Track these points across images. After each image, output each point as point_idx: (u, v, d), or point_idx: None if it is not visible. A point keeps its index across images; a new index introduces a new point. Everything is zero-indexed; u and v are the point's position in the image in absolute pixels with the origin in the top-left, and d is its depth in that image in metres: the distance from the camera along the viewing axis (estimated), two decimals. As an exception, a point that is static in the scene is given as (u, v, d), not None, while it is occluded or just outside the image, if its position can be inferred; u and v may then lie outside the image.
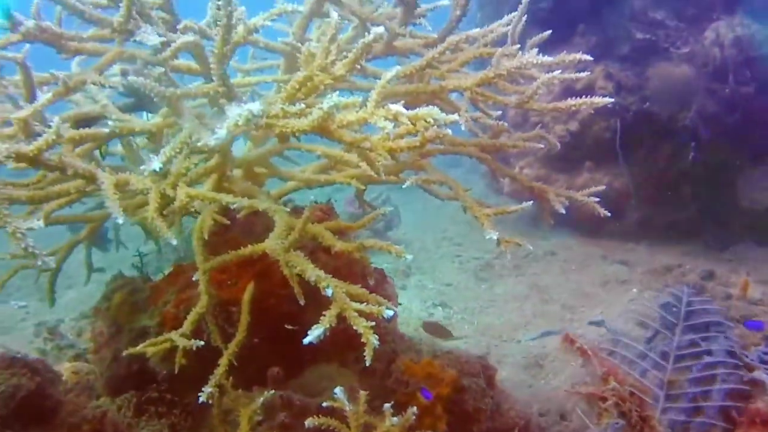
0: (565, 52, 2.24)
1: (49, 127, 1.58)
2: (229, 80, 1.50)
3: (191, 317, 2.08)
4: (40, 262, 1.30)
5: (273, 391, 2.09)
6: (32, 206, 2.30)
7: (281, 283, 2.39)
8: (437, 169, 2.27)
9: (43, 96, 1.50)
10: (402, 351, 2.55)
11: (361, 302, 1.69)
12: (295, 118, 1.48)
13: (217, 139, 1.28)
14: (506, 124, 2.47)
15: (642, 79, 6.05)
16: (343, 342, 2.47)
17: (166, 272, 2.67)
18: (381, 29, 1.48)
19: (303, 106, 1.40)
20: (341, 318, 2.42)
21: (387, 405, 1.96)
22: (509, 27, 2.31)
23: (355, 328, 1.64)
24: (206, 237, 1.85)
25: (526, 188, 2.42)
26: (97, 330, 2.68)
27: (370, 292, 1.85)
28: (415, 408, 1.99)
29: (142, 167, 1.40)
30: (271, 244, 1.88)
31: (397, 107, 1.44)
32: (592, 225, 6.29)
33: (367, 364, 1.61)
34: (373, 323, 1.64)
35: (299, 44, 2.03)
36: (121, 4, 1.59)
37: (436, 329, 3.10)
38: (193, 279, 1.88)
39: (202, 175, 2.07)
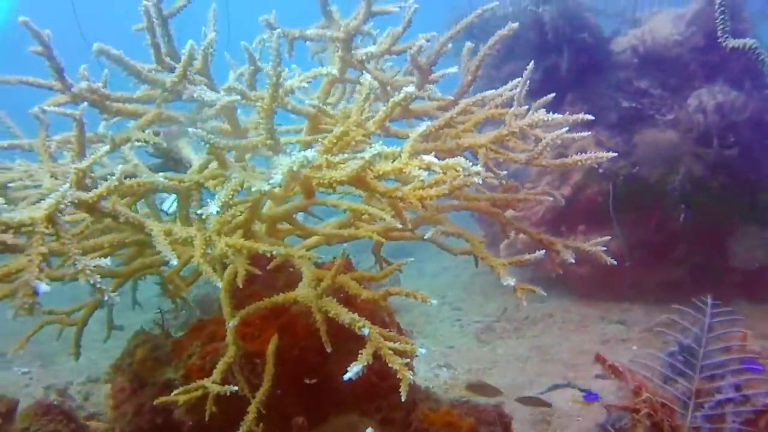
0: (568, 112, 2.43)
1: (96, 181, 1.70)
2: (276, 134, 1.63)
3: (220, 366, 2.16)
4: (106, 297, 1.39)
5: (301, 438, 2.15)
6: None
7: (304, 335, 2.48)
8: (453, 223, 2.40)
9: (102, 149, 1.63)
10: (420, 400, 2.61)
11: (394, 342, 1.78)
12: (332, 169, 1.60)
13: (272, 183, 1.40)
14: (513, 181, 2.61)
15: (630, 145, 6.29)
16: (363, 392, 2.54)
17: (186, 328, 2.75)
18: (411, 88, 1.64)
19: (345, 156, 1.54)
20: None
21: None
22: (513, 91, 2.50)
23: (390, 365, 1.72)
24: (240, 285, 1.94)
25: (536, 240, 2.54)
26: (117, 386, 2.73)
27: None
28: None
29: (199, 211, 1.52)
30: (303, 292, 1.98)
31: (429, 158, 1.58)
32: (586, 288, 6.40)
33: (403, 399, 1.69)
34: (408, 360, 1.72)
35: (324, 107, 2.19)
36: (177, 66, 1.75)
37: (482, 388, 3.15)
38: (228, 326, 1.95)
39: (233, 229, 2.18)
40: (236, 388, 2.01)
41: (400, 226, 2.05)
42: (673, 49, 6.48)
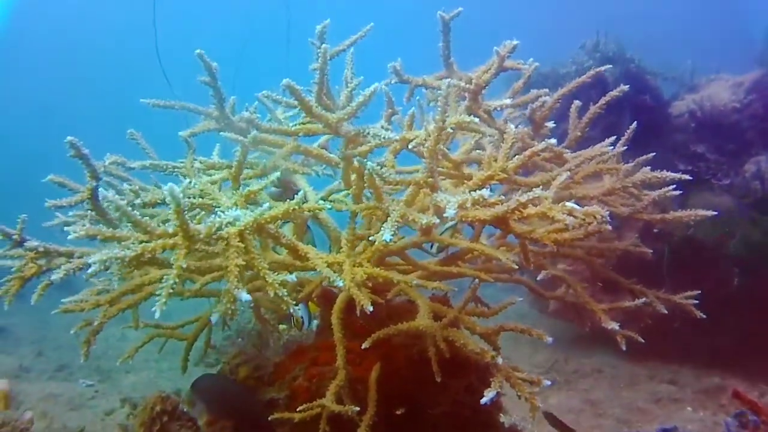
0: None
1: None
2: (437, 174, 1.78)
3: (332, 388, 2.28)
4: (291, 309, 1.53)
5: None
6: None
7: (403, 366, 2.60)
8: (555, 268, 2.53)
9: (273, 174, 1.80)
10: (509, 437, 2.70)
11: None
12: (480, 208, 1.75)
13: (447, 216, 1.55)
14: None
15: (685, 207, 6.35)
16: (456, 425, 2.64)
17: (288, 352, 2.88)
18: (554, 140, 1.78)
19: (497, 197, 1.68)
20: (456, 402, 2.62)
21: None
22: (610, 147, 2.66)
23: (518, 393, 1.84)
24: (369, 311, 2.05)
25: (626, 290, 2.64)
26: (215, 403, 2.85)
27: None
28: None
29: (371, 237, 1.67)
30: (426, 323, 2.11)
31: (572, 204, 1.72)
32: (634, 346, 6.40)
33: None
34: (536, 393, 1.83)
35: (446, 149, 2.35)
36: (352, 105, 1.92)
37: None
38: (362, 347, 2.08)
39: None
40: (357, 408, 2.12)
41: (516, 267, 2.17)
42: (732, 115, 6.61)
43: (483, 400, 1.82)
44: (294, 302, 1.53)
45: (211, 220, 1.40)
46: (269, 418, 2.36)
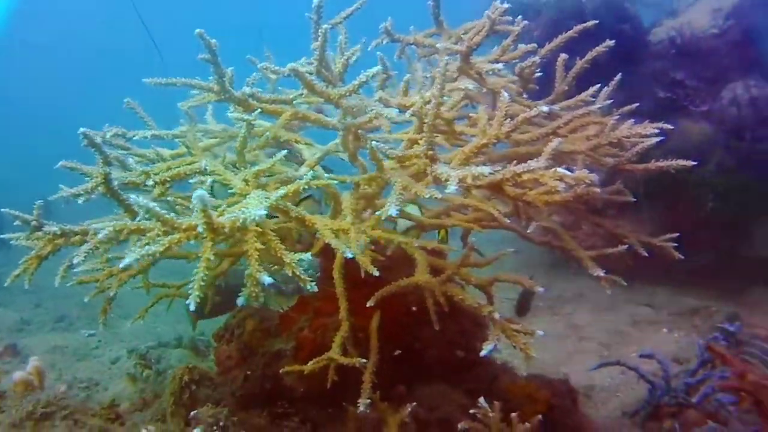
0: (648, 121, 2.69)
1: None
2: (435, 146, 1.88)
3: (337, 340, 2.43)
4: (308, 287, 1.64)
5: (414, 404, 2.43)
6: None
7: (398, 315, 2.75)
8: (546, 217, 2.66)
9: (279, 154, 1.89)
10: (500, 373, 2.89)
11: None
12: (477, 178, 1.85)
13: (448, 192, 1.66)
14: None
15: (663, 134, 6.50)
16: (450, 366, 2.83)
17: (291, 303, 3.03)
18: (545, 108, 1.88)
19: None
20: (450, 344, 2.78)
21: (514, 414, 2.30)
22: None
23: (513, 344, 2.00)
24: (372, 271, 2.16)
25: (614, 235, 2.80)
26: (224, 354, 2.99)
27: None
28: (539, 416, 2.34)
29: (378, 213, 1.78)
30: (424, 278, 2.24)
31: (562, 171, 1.83)
32: (614, 270, 6.66)
33: (524, 374, 1.96)
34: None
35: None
36: (354, 83, 1.99)
37: None
38: (368, 305, 2.21)
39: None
40: (364, 360, 2.27)
41: (508, 221, 2.30)
42: (710, 41, 6.66)
43: (482, 353, 1.98)
44: (311, 279, 1.64)
45: (234, 215, 1.49)
46: (281, 371, 2.52)
